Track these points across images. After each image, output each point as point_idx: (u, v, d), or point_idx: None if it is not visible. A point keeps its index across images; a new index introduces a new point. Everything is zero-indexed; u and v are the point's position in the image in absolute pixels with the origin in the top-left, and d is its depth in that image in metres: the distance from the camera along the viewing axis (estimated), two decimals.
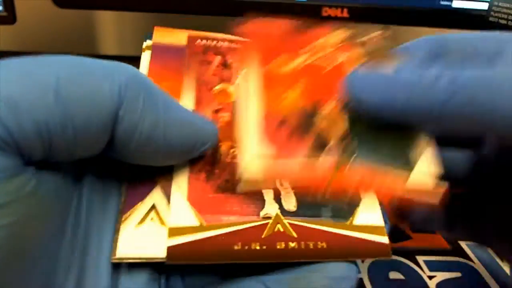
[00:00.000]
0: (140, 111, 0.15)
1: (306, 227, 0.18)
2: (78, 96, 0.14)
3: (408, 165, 0.18)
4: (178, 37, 0.23)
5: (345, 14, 0.53)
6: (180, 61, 0.22)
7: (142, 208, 0.17)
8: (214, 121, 0.20)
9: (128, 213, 0.17)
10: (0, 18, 0.49)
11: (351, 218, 0.18)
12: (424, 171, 0.18)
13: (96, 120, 0.14)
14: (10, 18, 0.50)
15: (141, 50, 0.23)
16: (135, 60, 0.26)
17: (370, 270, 0.28)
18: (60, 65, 0.14)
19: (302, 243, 0.17)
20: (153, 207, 0.18)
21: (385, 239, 0.18)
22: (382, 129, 0.18)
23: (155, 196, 0.18)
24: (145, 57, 0.22)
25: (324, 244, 0.17)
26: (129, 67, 0.16)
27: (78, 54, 0.16)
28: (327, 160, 0.18)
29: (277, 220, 0.18)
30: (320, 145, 0.18)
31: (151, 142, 0.16)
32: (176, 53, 0.22)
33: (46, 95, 0.13)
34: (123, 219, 0.17)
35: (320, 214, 0.18)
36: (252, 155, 0.18)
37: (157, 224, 0.17)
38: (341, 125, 0.19)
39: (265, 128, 0.18)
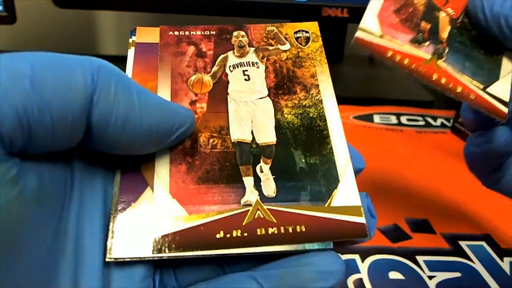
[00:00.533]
0: (114, 95, 0.16)
1: (285, 212, 0.18)
2: (53, 82, 0.14)
3: (485, 83, 0.21)
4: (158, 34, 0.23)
5: (345, 14, 0.53)
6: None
7: (135, 209, 0.18)
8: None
9: (122, 214, 0.18)
10: (0, 18, 0.50)
11: (329, 200, 0.19)
12: (497, 92, 0.21)
13: (72, 105, 0.15)
14: (10, 18, 0.50)
15: None
16: None
17: (370, 270, 0.28)
18: (34, 56, 0.15)
19: (282, 228, 0.18)
20: (145, 208, 0.18)
21: (361, 219, 0.18)
22: (478, 46, 0.22)
23: (147, 197, 0.18)
24: (130, 55, 0.22)
25: (303, 228, 0.18)
26: (100, 59, 0.16)
27: (78, 54, 0.17)
28: (421, 53, 0.21)
29: (257, 207, 0.18)
30: (421, 39, 0.21)
31: (128, 126, 0.16)
32: (157, 51, 0.22)
33: (22, 82, 0.14)
34: (116, 220, 0.17)
35: (299, 198, 0.19)
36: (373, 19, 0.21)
37: (149, 224, 0.17)
38: (445, 31, 0.22)
39: (383, 8, 0.21)
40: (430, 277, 0.28)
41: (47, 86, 0.14)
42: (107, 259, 0.16)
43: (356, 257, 0.29)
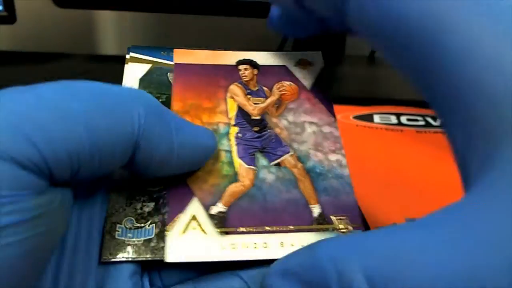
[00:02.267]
0: (157, 139, 0.17)
1: None
2: (105, 127, 0.16)
3: None
4: (197, 56, 0.25)
5: None
6: (202, 79, 0.24)
7: (183, 218, 0.19)
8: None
9: (171, 223, 0.19)
10: (0, 18, 0.50)
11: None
12: None
13: (119, 149, 0.16)
14: (10, 18, 0.50)
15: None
16: None
17: None
18: (87, 95, 0.16)
19: None
20: (193, 217, 0.19)
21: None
22: None
23: (194, 206, 0.20)
24: (129, 70, 0.23)
25: None
26: (147, 95, 0.18)
27: (78, 54, 0.17)
28: None
29: None
30: None
31: (165, 164, 0.18)
32: (198, 71, 0.24)
33: (77, 127, 0.15)
34: (167, 229, 0.19)
35: None
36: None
37: (198, 232, 0.19)
38: None
39: None
40: None
41: (99, 131, 0.15)
42: (166, 260, 0.18)
43: None
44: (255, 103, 0.23)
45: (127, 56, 0.23)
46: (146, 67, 0.23)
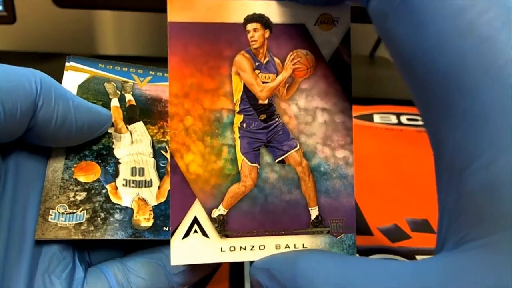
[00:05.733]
0: (54, 100, 0.20)
1: None
2: (6, 86, 0.18)
3: None
4: (196, 10, 0.20)
5: None
6: (202, 46, 0.20)
7: (185, 222, 0.20)
8: None
9: (175, 228, 0.20)
10: (0, 18, 0.50)
11: None
12: None
13: (20, 106, 0.18)
14: (10, 18, 0.50)
15: (141, 50, 0.23)
16: (134, 60, 0.26)
17: None
18: None
19: None
20: (195, 220, 0.20)
21: None
22: None
23: (196, 209, 0.20)
24: (68, 77, 0.24)
25: None
26: (40, 71, 0.20)
27: (78, 54, 0.17)
28: None
29: None
30: None
31: (65, 125, 0.20)
32: (197, 34, 0.20)
33: None
34: (171, 233, 0.20)
35: None
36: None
37: (200, 236, 0.20)
38: None
39: None
40: None
41: (2, 89, 0.18)
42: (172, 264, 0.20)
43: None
44: (263, 82, 0.21)
45: (67, 64, 0.24)
46: (84, 76, 0.24)
